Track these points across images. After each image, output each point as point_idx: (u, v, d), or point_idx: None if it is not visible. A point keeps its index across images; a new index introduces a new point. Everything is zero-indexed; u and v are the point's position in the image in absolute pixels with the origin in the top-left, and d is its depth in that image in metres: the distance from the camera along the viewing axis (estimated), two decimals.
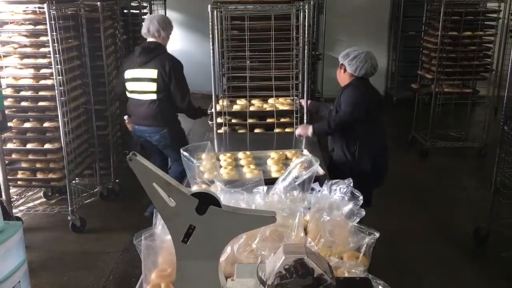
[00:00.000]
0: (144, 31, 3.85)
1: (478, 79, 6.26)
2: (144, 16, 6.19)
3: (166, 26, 3.82)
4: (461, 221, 4.46)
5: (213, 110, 3.89)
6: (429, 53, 6.16)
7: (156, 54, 3.78)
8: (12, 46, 4.03)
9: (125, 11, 5.49)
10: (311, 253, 1.44)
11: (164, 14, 7.36)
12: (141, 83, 3.83)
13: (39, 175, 4.16)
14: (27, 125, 4.10)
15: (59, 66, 3.86)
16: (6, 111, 4.02)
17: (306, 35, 3.89)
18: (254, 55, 4.07)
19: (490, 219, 3.98)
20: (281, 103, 4.12)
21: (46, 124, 4.07)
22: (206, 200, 1.39)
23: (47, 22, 3.72)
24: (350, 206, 1.88)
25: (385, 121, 3.50)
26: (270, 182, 2.16)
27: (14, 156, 4.14)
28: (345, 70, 3.30)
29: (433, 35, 5.99)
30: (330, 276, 1.38)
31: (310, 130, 3.43)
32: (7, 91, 4.06)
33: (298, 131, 3.52)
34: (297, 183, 2.36)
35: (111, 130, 4.80)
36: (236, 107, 4.15)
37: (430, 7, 6.41)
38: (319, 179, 2.41)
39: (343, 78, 3.35)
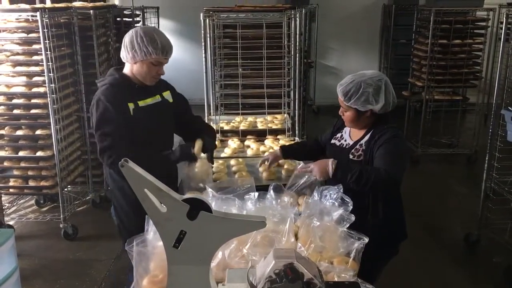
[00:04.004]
0: None
1: (468, 86, 6.33)
2: (137, 25, 6.23)
3: (130, 45, 2.45)
4: (451, 227, 4.50)
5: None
6: (419, 61, 6.23)
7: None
8: (5, 54, 4.03)
9: (118, 19, 5.52)
10: (301, 257, 1.46)
11: (157, 22, 7.39)
12: None
13: (31, 183, 4.15)
14: (19, 132, 4.09)
15: (51, 74, 3.87)
16: None
17: (297, 43, 3.93)
18: (246, 63, 4.10)
19: (480, 225, 4.02)
20: (273, 118, 4.12)
21: (38, 132, 4.07)
22: (197, 206, 1.41)
23: (40, 30, 3.74)
24: (340, 211, 1.90)
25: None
26: (262, 188, 2.18)
27: (6, 163, 4.13)
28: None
29: (423, 43, 6.06)
30: (319, 281, 1.39)
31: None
32: (0, 99, 4.07)
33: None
34: (293, 190, 2.40)
35: None
36: (227, 127, 3.94)
37: (420, 16, 6.48)
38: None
39: None
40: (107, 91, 2.46)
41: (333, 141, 2.56)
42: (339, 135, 2.55)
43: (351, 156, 2.39)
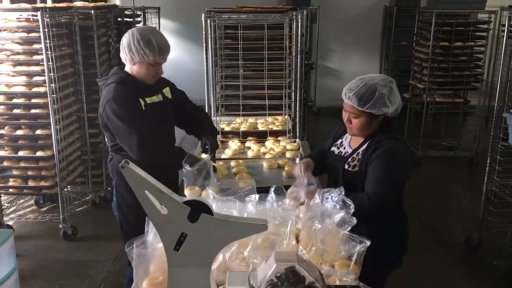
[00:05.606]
0: None
1: (469, 89, 6.32)
2: (138, 25, 6.22)
3: (127, 47, 2.50)
4: (452, 229, 4.49)
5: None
6: (420, 63, 6.22)
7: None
8: (5, 54, 4.02)
9: (119, 19, 5.51)
10: (303, 261, 1.45)
11: (157, 22, 7.38)
12: None
13: (31, 183, 4.13)
14: (19, 132, 4.08)
15: (52, 74, 3.86)
16: None
17: (299, 44, 3.92)
18: (247, 64, 4.09)
19: (481, 227, 4.01)
20: (274, 119, 4.10)
21: (38, 132, 4.05)
22: (198, 208, 1.40)
23: (41, 29, 3.72)
24: (341, 214, 1.89)
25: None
26: (263, 190, 2.16)
27: (5, 163, 4.12)
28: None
29: (425, 46, 6.06)
30: (321, 284, 1.38)
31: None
32: (0, 98, 4.05)
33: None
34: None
35: (103, 138, 4.79)
36: (227, 128, 3.92)
37: (421, 18, 6.48)
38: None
39: None
40: (119, 88, 2.51)
41: (333, 148, 2.46)
42: (339, 141, 2.45)
43: (346, 166, 2.29)
